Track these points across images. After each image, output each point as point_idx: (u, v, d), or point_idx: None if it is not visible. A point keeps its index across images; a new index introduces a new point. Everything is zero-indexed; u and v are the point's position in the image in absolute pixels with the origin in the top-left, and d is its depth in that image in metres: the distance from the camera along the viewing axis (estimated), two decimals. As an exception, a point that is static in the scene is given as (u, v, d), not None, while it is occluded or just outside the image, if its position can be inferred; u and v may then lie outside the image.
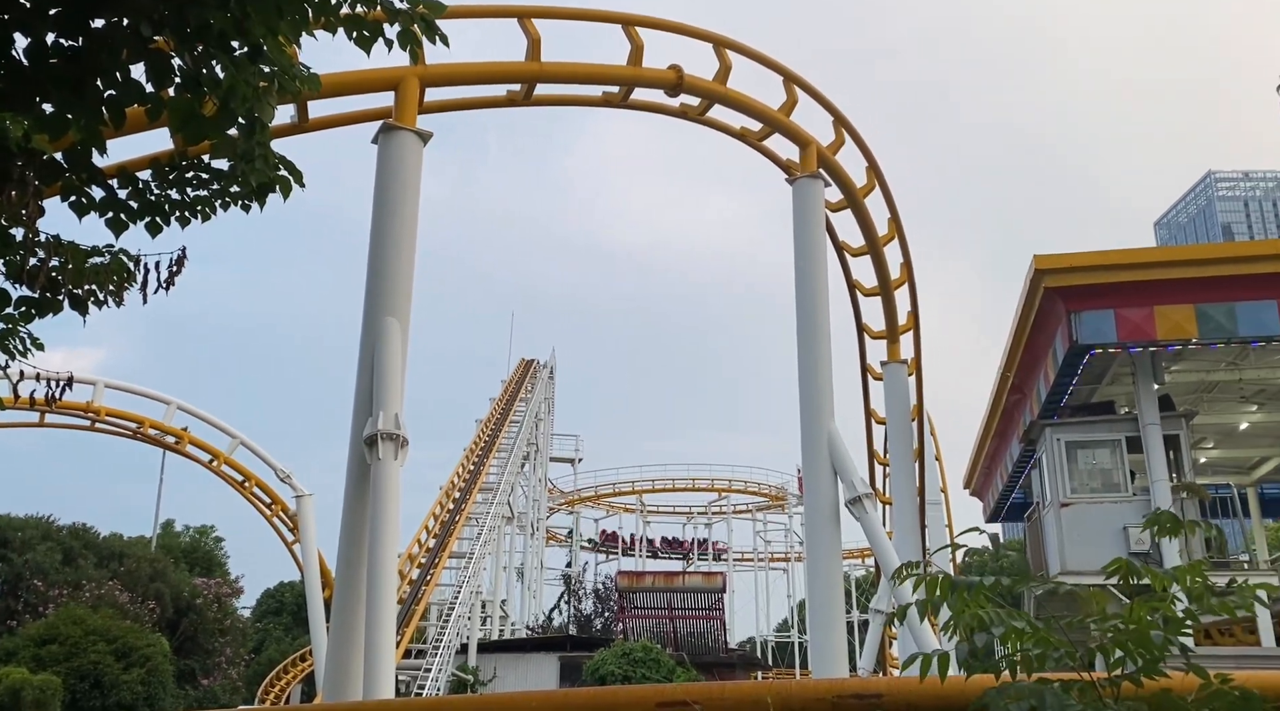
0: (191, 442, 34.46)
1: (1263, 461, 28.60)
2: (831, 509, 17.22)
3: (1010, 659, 3.40)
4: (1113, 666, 3.61)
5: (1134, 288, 19.10)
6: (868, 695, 4.42)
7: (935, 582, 3.63)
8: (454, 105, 15.37)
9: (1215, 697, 3.16)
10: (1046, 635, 3.67)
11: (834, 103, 19.07)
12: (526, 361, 56.15)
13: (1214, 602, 3.93)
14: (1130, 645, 3.46)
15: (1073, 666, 3.50)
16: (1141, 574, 3.65)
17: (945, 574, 3.71)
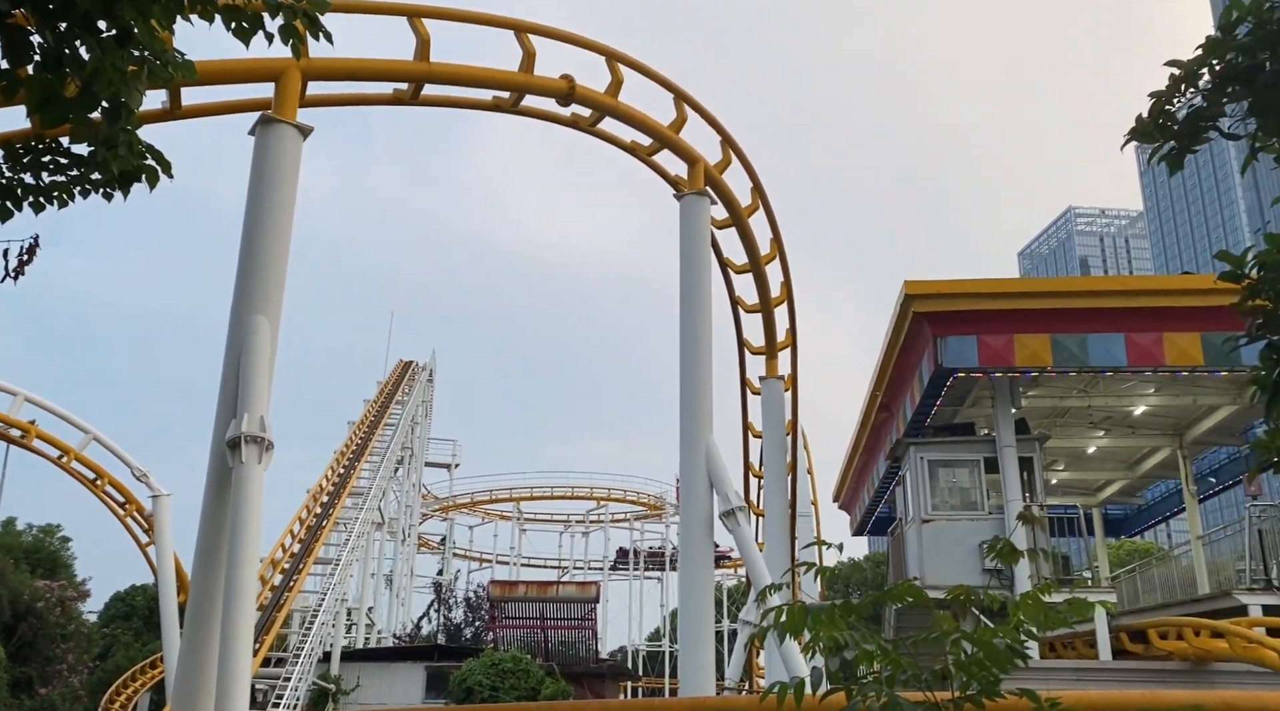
0: (39, 437, 32.44)
1: (1107, 483, 30.41)
2: (706, 520, 17.46)
3: (863, 682, 3.52)
4: (961, 687, 3.77)
5: (996, 316, 20.06)
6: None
7: (793, 612, 3.73)
8: (338, 100, 14.99)
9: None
10: (896, 656, 3.82)
11: (722, 123, 19.41)
12: (405, 363, 55.02)
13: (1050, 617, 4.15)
14: (973, 668, 3.62)
15: (920, 687, 3.65)
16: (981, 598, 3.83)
17: (802, 603, 3.82)
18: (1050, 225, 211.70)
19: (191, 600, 11.91)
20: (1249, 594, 19.08)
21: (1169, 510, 30.60)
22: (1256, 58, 3.20)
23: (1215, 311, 19.18)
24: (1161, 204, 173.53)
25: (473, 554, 67.25)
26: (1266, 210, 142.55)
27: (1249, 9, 3.29)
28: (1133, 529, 34.01)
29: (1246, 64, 3.23)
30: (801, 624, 3.84)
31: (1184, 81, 3.31)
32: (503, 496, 64.89)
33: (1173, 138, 3.35)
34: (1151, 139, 3.40)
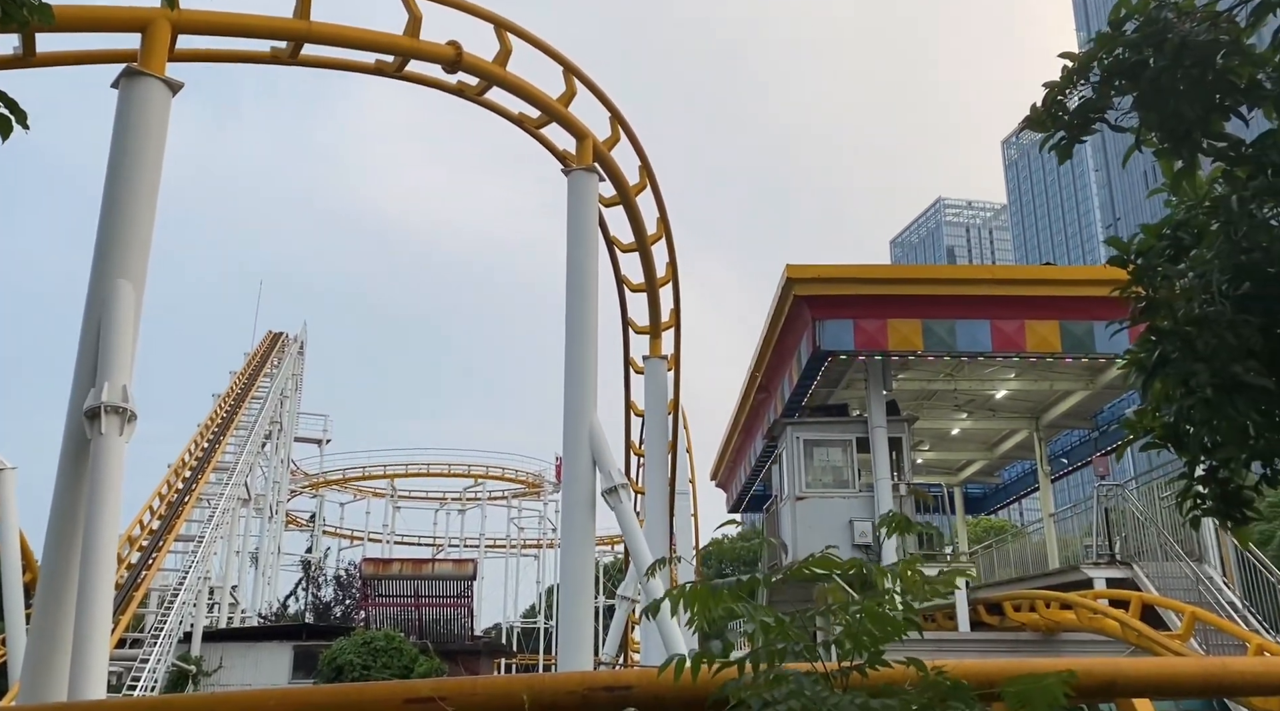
0: None
1: (969, 463, 31.87)
2: (588, 498, 17.48)
3: (754, 652, 3.56)
4: (843, 657, 3.86)
5: (872, 301, 20.70)
6: (618, 687, 4.49)
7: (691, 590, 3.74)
8: (210, 56, 14.23)
9: (930, 687, 3.45)
10: (787, 629, 3.88)
11: (611, 99, 19.31)
12: (274, 334, 53.08)
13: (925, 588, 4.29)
14: (861, 637, 3.71)
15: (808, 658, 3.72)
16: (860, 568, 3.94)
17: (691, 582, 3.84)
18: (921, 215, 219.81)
19: (43, 579, 11.20)
20: (1095, 568, 20.31)
21: (1024, 489, 32.30)
22: (1143, 53, 3.35)
23: (1073, 301, 20.31)
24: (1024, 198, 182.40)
25: (344, 531, 65.69)
26: (1118, 206, 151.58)
27: (1137, 7, 3.43)
28: (991, 507, 35.77)
29: (1133, 59, 3.37)
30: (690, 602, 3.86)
31: (1076, 74, 3.43)
32: (376, 473, 63.47)
33: (1063, 128, 3.48)
34: (1044, 128, 3.52)
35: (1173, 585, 19.26)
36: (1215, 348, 2.83)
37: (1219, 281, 3.20)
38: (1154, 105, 3.32)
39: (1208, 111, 3.42)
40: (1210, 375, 2.84)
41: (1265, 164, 3.42)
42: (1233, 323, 2.87)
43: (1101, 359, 20.41)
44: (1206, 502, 3.94)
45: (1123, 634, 16.79)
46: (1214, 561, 20.02)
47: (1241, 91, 3.42)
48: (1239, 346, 2.83)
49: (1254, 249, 3.09)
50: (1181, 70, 3.16)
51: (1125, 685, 4.95)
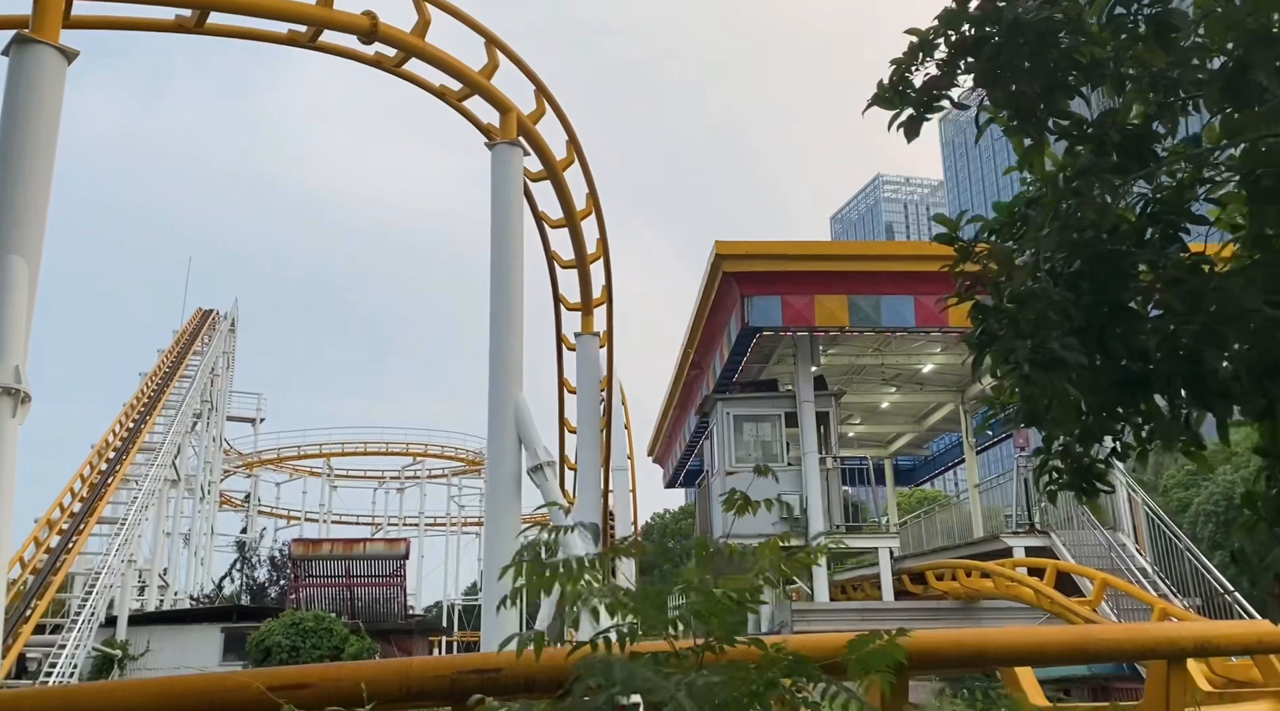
0: None
1: (898, 436, 32.42)
2: (514, 476, 17.40)
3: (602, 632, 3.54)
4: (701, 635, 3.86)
5: (799, 277, 20.85)
6: (487, 670, 4.46)
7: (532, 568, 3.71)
8: (109, 23, 13.69)
9: (772, 663, 3.46)
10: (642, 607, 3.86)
11: (536, 71, 19.06)
12: (204, 311, 51.84)
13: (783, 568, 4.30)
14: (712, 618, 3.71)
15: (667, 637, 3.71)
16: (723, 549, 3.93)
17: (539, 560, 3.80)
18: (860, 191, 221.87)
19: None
20: (1014, 537, 20.82)
21: (952, 460, 32.95)
22: (984, 30, 3.34)
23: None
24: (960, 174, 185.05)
25: (280, 511, 64.73)
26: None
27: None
28: (920, 478, 36.45)
29: (977, 36, 3.37)
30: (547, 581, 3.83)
31: (920, 50, 3.42)
32: (312, 452, 62.56)
33: (910, 105, 3.47)
34: (891, 105, 3.51)
35: (1088, 553, 19.83)
36: (1036, 324, 2.86)
37: (1055, 259, 3.23)
38: (995, 83, 3.32)
39: (1050, 90, 3.44)
40: (1030, 352, 2.88)
41: (1105, 142, 3.45)
42: (1055, 300, 2.90)
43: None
44: (1063, 477, 4.00)
45: (1037, 601, 17.26)
46: (1127, 529, 20.65)
47: (1083, 69, 3.44)
48: (1060, 323, 2.86)
49: (1085, 227, 3.12)
50: (1017, 48, 3.16)
51: (994, 654, 5.05)
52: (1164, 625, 11.02)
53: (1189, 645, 5.33)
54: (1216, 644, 5.32)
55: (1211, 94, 3.11)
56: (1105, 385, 3.05)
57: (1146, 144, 3.47)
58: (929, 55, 3.42)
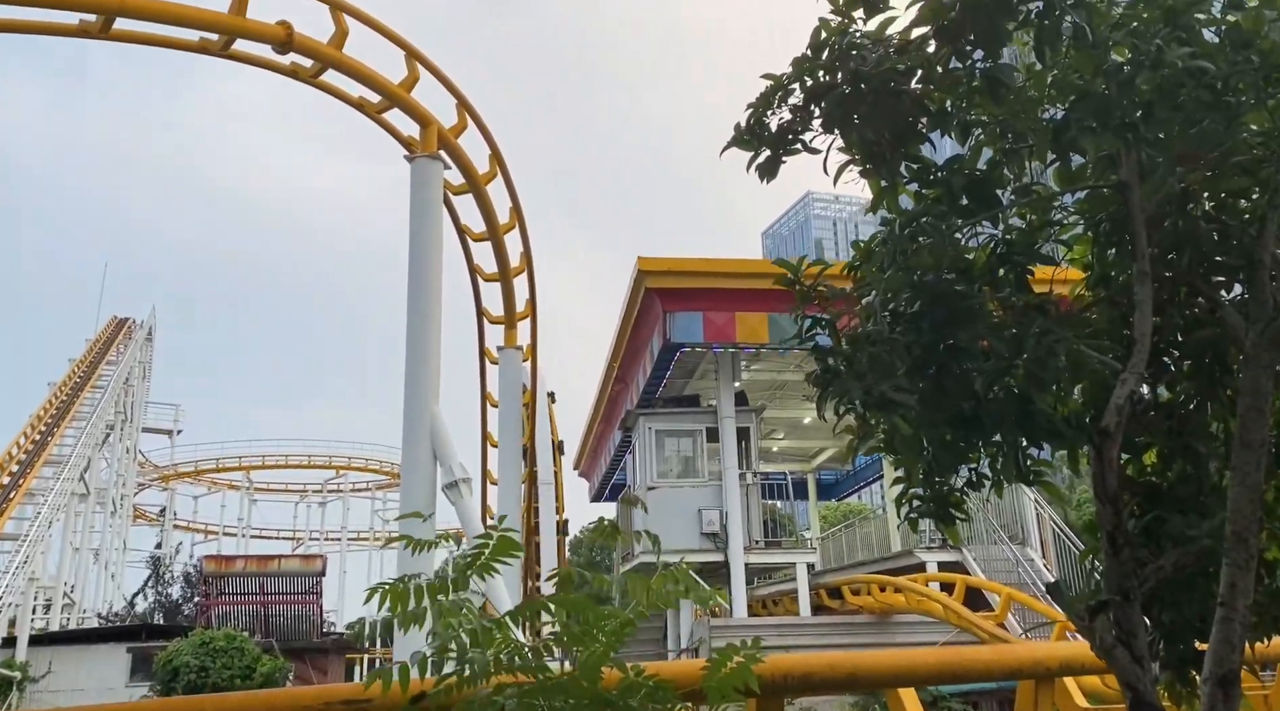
0: None
1: (821, 451, 32.88)
2: (428, 491, 17.21)
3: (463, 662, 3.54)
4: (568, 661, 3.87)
5: (720, 294, 21.06)
6: (357, 700, 4.42)
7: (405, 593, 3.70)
8: (10, 27, 13.27)
9: (633, 689, 3.51)
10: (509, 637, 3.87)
11: (457, 85, 18.99)
12: (119, 320, 50.35)
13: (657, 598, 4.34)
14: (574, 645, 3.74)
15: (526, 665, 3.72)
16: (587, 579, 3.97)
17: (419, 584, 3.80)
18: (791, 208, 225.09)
19: None
20: (928, 552, 21.27)
21: (872, 475, 33.54)
22: (835, 78, 3.46)
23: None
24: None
25: (197, 525, 63.01)
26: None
27: (834, 30, 3.54)
28: (842, 492, 37.02)
29: (827, 83, 3.48)
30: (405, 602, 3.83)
31: (775, 94, 3.52)
32: (231, 465, 61.06)
33: (766, 147, 3.56)
34: (749, 147, 3.60)
35: (997, 567, 20.34)
36: (870, 366, 2.96)
37: (899, 299, 3.35)
38: (844, 128, 3.43)
39: (900, 135, 3.56)
40: (862, 393, 2.98)
41: (952, 187, 3.59)
42: (887, 340, 3.01)
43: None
44: (923, 504, 4.11)
45: (945, 616, 17.64)
46: (1035, 543, 21.23)
47: (932, 117, 3.58)
48: (892, 365, 2.98)
49: (924, 269, 3.24)
50: (861, 96, 3.27)
51: (868, 676, 5.17)
52: (1031, 645, 11.59)
53: (1055, 665, 5.55)
54: (1082, 663, 5.52)
55: (1041, 145, 3.26)
56: (941, 423, 3.17)
57: (991, 188, 3.62)
58: (784, 100, 3.53)
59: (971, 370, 3.16)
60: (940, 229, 3.17)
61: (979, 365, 3.17)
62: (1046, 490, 3.78)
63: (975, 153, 3.71)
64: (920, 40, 3.42)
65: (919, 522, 4.35)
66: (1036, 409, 3.16)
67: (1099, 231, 3.89)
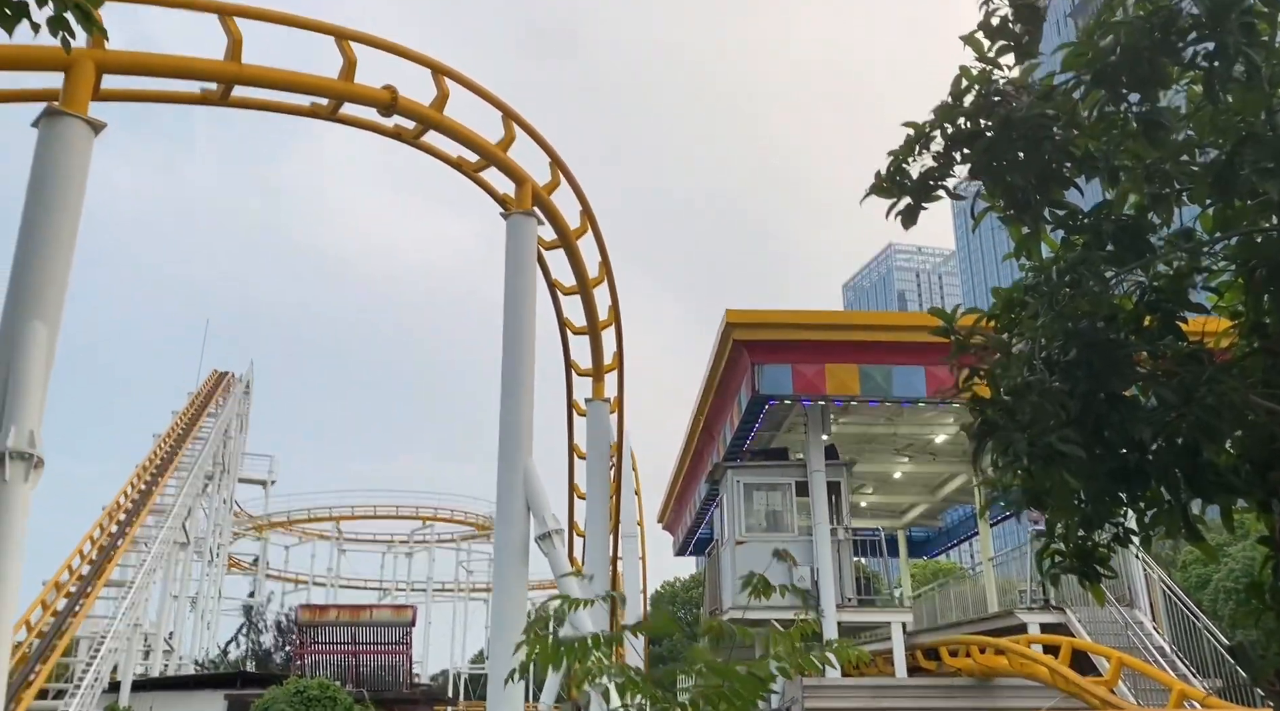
0: None
1: (912, 507, 32.08)
2: (522, 543, 17.31)
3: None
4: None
5: (809, 346, 20.89)
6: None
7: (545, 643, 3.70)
8: (138, 96, 14.10)
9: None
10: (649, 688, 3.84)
11: (550, 143, 19.43)
12: (219, 374, 52.21)
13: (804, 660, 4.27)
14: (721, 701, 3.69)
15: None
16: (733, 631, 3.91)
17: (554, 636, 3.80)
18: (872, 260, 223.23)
19: (-60, 632, 10.78)
20: (1029, 613, 20.46)
21: (966, 533, 32.55)
22: (979, 124, 3.44)
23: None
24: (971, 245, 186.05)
25: (288, 575, 64.26)
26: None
27: (975, 79, 3.53)
28: (934, 550, 35.98)
29: (971, 130, 3.46)
30: (556, 657, 3.81)
31: (917, 142, 3.52)
32: (322, 515, 62.30)
33: (907, 194, 3.55)
34: (889, 195, 3.59)
35: (1104, 630, 19.45)
36: (1033, 417, 2.89)
37: (1050, 348, 3.27)
38: (989, 174, 3.40)
39: (1045, 181, 3.52)
40: (1027, 444, 2.90)
41: (1100, 232, 3.52)
42: (1050, 390, 2.94)
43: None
44: (1065, 560, 3.98)
45: (1052, 680, 16.90)
46: (1144, 606, 20.28)
47: (1077, 162, 3.52)
48: (1056, 415, 2.90)
49: (1080, 316, 3.17)
50: (1010, 142, 3.25)
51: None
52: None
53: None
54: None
55: (1201, 188, 3.18)
56: (1102, 474, 3.07)
57: (1141, 234, 3.53)
58: (925, 147, 3.52)
59: (1133, 420, 3.06)
60: (1101, 275, 3.09)
61: (1142, 414, 3.06)
62: (1199, 548, 3.61)
63: (1120, 197, 3.63)
64: (1067, 85, 3.38)
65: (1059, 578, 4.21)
66: (1204, 461, 3.04)
67: (1252, 277, 3.75)
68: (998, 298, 3.80)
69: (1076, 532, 3.78)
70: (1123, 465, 3.04)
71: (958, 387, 3.49)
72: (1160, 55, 2.86)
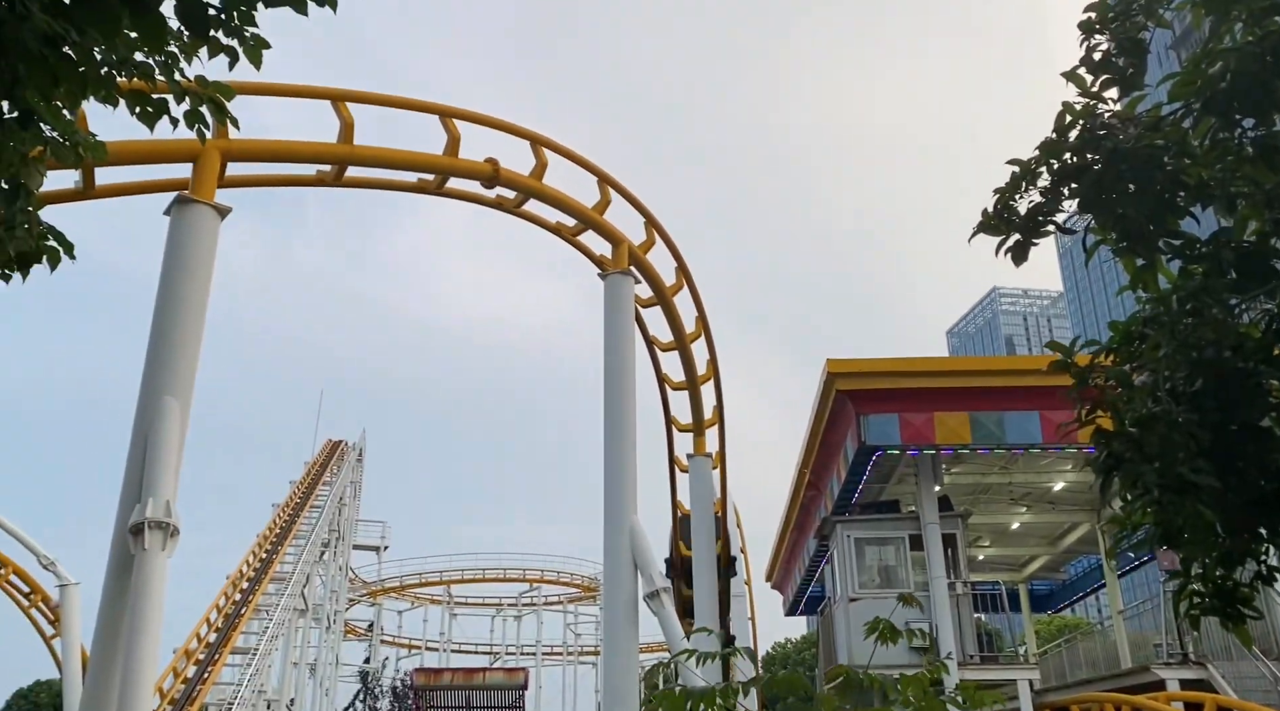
0: (-60, 526, 30.98)
1: (1032, 559, 30.84)
2: (630, 602, 17.26)
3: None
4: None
5: (916, 394, 20.49)
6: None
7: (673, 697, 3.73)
8: (260, 181, 14.99)
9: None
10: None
11: (645, 204, 19.80)
12: (334, 442, 53.98)
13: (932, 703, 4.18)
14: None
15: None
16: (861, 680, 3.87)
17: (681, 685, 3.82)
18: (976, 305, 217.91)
19: (85, 697, 11.34)
20: (1166, 668, 19.36)
21: (1092, 585, 31.09)
22: (1085, 158, 3.43)
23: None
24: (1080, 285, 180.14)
25: (401, 640, 65.24)
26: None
27: (1080, 114, 3.53)
28: (1058, 604, 34.42)
29: (1077, 164, 3.46)
30: (682, 706, 3.84)
31: (1023, 179, 3.52)
32: (432, 579, 63.30)
33: (1016, 231, 3.55)
34: (997, 232, 3.59)
35: (1250, 686, 18.25)
36: (1161, 448, 2.82)
37: (1175, 379, 3.20)
38: (1100, 207, 3.38)
39: (1159, 211, 3.48)
40: (1158, 476, 2.83)
41: (1220, 260, 3.45)
42: (1178, 421, 2.87)
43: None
44: (1205, 601, 3.83)
45: (1198, 739, 15.89)
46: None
47: (1191, 190, 3.47)
48: (1186, 445, 2.82)
49: (1205, 345, 3.10)
50: (1119, 174, 3.23)
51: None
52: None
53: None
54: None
55: (1327, 210, 3.10)
56: (1239, 506, 2.97)
57: (1264, 260, 3.45)
58: (1032, 183, 3.52)
59: (1271, 448, 2.96)
60: (1224, 303, 3.03)
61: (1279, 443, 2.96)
62: (1353, 584, 3.43)
63: (1240, 224, 3.56)
64: (1176, 114, 3.35)
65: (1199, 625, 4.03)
66: (1351, 489, 2.92)
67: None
68: (1115, 331, 3.74)
69: (1215, 571, 3.64)
70: (1260, 496, 2.93)
71: (1080, 421, 3.42)
72: (1273, 79, 2.83)
